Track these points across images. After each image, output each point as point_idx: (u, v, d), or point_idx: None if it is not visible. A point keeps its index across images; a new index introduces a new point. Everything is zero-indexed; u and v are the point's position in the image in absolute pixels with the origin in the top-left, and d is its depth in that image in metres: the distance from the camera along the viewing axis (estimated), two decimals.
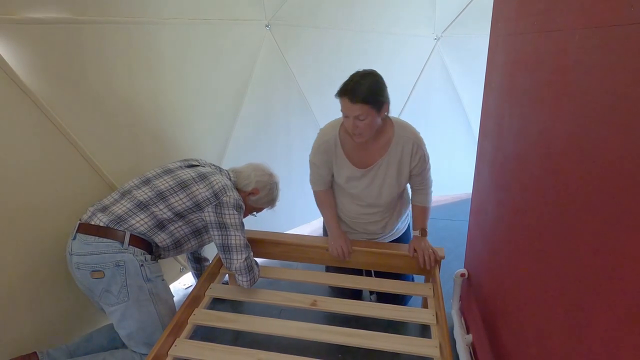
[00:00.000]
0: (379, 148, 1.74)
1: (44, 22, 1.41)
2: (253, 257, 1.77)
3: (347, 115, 1.60)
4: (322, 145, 1.79)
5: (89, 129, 1.65)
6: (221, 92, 2.28)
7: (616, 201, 0.73)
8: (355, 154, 1.77)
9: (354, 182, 1.82)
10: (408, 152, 1.73)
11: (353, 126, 1.60)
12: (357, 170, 1.79)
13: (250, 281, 1.72)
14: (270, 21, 2.39)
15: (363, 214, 1.94)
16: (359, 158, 1.77)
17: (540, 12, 1.12)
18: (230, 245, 1.68)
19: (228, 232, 1.67)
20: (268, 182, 1.92)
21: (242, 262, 1.68)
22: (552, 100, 1.03)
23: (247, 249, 1.71)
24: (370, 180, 1.80)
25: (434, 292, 1.79)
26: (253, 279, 1.73)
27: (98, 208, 1.59)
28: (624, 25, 0.70)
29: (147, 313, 1.57)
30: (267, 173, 1.94)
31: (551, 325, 1.01)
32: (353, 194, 1.88)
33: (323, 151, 1.80)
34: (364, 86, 1.55)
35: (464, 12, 2.81)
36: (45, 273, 1.61)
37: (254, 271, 1.73)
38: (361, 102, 1.54)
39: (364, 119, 1.57)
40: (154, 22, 1.79)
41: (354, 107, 1.54)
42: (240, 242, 1.69)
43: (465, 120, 3.23)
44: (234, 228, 1.68)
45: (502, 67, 1.51)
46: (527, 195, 1.20)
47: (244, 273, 1.70)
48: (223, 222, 1.66)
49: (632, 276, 0.68)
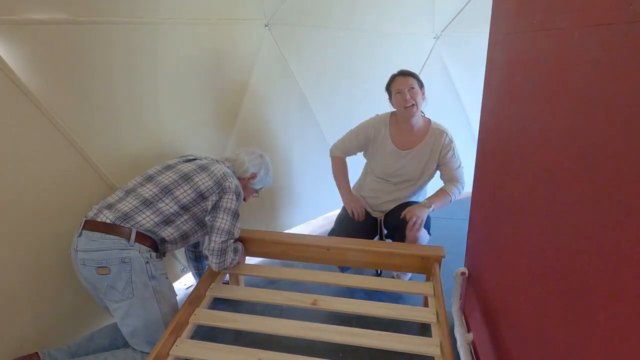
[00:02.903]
0: (418, 137, 2.14)
1: (43, 23, 1.41)
2: (232, 245, 1.79)
3: (400, 91, 2.03)
4: (376, 123, 2.19)
5: (88, 129, 1.65)
6: (221, 91, 2.28)
7: (616, 199, 0.73)
8: (398, 137, 2.15)
9: (389, 160, 2.17)
10: (440, 142, 2.11)
11: (407, 99, 2.01)
12: (397, 151, 2.15)
13: (218, 264, 1.74)
14: (269, 21, 2.39)
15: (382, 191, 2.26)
16: (399, 141, 2.15)
17: (539, 10, 1.12)
18: (214, 227, 1.70)
19: (217, 214, 1.71)
20: (261, 162, 2.03)
21: (217, 244, 1.71)
22: (552, 99, 1.03)
23: (229, 234, 1.73)
24: (404, 162, 2.15)
25: (434, 291, 1.80)
26: (223, 263, 1.75)
27: (103, 205, 1.60)
28: (622, 23, 0.70)
29: (151, 310, 1.58)
30: (258, 154, 2.05)
31: (551, 323, 1.01)
32: (379, 175, 2.24)
33: (372, 126, 2.19)
34: (409, 70, 2.11)
35: (463, 10, 2.81)
36: (46, 273, 1.61)
37: (226, 256, 1.75)
38: (411, 76, 2.07)
39: (414, 89, 2.02)
40: (153, 22, 1.79)
41: (407, 79, 2.05)
42: (225, 225, 1.71)
43: (465, 119, 3.23)
44: (224, 212, 1.71)
45: (501, 65, 1.50)
46: (527, 194, 1.20)
47: (215, 255, 1.72)
48: (219, 205, 1.71)
49: (632, 274, 0.68)
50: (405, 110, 2.04)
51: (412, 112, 2.04)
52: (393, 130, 2.17)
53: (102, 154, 1.73)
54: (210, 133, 2.32)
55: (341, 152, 2.29)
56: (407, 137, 2.15)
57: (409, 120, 2.09)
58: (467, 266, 1.95)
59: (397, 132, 2.17)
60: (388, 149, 2.17)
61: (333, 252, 2.02)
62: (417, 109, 2.05)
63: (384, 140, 2.17)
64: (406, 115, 2.06)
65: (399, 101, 2.04)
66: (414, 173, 2.19)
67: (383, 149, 2.18)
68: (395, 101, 2.08)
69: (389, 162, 2.19)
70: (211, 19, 2.08)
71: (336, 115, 2.86)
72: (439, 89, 3.11)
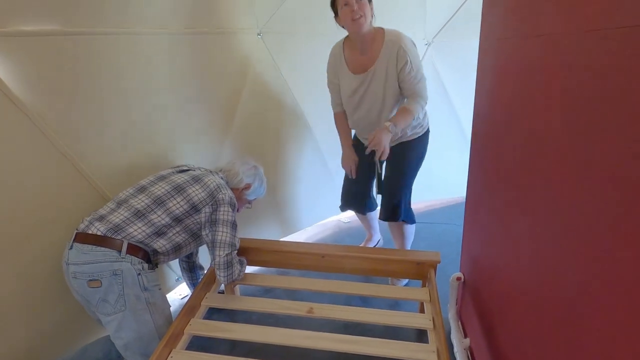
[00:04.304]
0: (371, 56, 1.96)
1: (35, 35, 1.41)
2: (237, 256, 1.78)
3: (347, 2, 1.83)
4: (333, 54, 2.11)
5: (80, 139, 1.64)
6: (214, 100, 2.28)
7: (608, 203, 0.73)
8: (352, 61, 2.03)
9: (348, 88, 2.05)
10: (394, 56, 1.90)
11: (355, 9, 1.82)
12: (353, 76, 2.02)
13: (226, 277, 1.73)
14: (262, 29, 2.40)
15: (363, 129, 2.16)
16: (354, 65, 2.02)
17: (526, 17, 1.14)
18: (216, 241, 1.69)
19: (217, 228, 1.70)
20: (255, 173, 2.02)
21: (222, 258, 1.70)
22: (541, 103, 1.04)
23: (232, 247, 1.73)
24: (366, 88, 2.01)
25: (430, 297, 1.80)
26: (230, 275, 1.74)
27: (95, 217, 1.58)
28: (605, 29, 0.71)
29: (144, 323, 1.56)
30: (252, 165, 2.04)
31: (548, 327, 1.02)
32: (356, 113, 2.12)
33: (331, 60, 2.11)
34: None
35: (454, 17, 2.84)
36: (38, 285, 1.59)
37: (233, 269, 1.74)
38: None
39: (362, 1, 1.83)
40: (145, 33, 1.79)
41: None
42: (226, 238, 1.70)
43: (458, 124, 3.25)
44: (223, 224, 1.70)
45: (492, 70, 1.52)
46: (520, 197, 1.21)
47: (222, 268, 1.71)
48: (216, 218, 1.70)
49: (629, 280, 0.68)
50: (353, 23, 1.85)
51: (360, 24, 1.85)
52: (347, 54, 2.04)
53: (95, 164, 1.72)
54: (204, 143, 2.32)
55: (335, 106, 2.23)
56: (361, 59, 2.00)
57: (360, 36, 1.91)
58: (463, 271, 1.96)
59: (351, 56, 2.04)
60: (346, 76, 2.05)
61: (328, 259, 2.02)
62: (366, 21, 1.87)
63: (342, 67, 2.06)
64: (355, 30, 1.88)
65: (347, 14, 1.84)
66: (376, 98, 2.02)
67: (342, 77, 2.07)
68: (343, 16, 1.87)
69: (349, 90, 2.06)
70: (204, 29, 2.09)
71: (329, 123, 2.85)
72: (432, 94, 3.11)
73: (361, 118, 2.12)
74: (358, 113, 2.11)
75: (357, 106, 2.09)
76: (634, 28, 0.64)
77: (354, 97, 2.07)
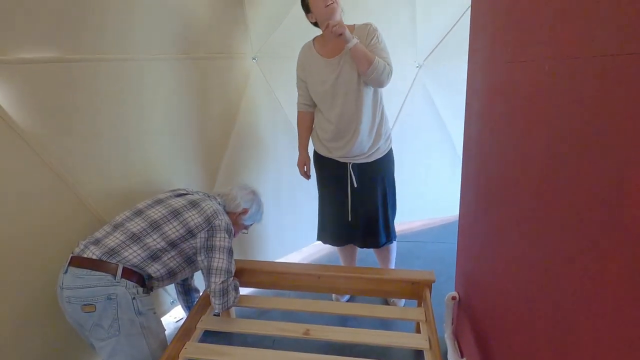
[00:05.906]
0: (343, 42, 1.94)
1: (35, 62, 1.44)
2: (232, 283, 1.76)
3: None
4: (302, 53, 2.12)
5: (77, 164, 1.66)
6: (210, 123, 2.32)
7: (597, 219, 0.76)
8: (324, 48, 2.05)
9: (322, 76, 2.03)
10: (364, 34, 1.97)
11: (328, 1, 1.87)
12: (326, 61, 2.02)
13: (222, 305, 1.71)
14: (256, 54, 2.46)
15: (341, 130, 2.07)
16: (326, 51, 2.04)
17: (512, 42, 1.18)
18: (212, 268, 1.69)
19: (213, 254, 1.69)
20: (253, 198, 2.03)
21: (218, 285, 1.69)
22: (526, 126, 1.07)
23: (228, 273, 1.72)
24: (337, 71, 2.00)
25: (426, 317, 1.80)
26: (226, 303, 1.72)
27: (90, 241, 1.58)
28: (586, 57, 0.75)
29: (138, 347, 1.55)
30: (250, 190, 2.05)
31: (541, 345, 1.03)
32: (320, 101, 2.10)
33: (300, 58, 2.12)
34: None
35: (444, 40, 2.92)
36: (30, 310, 1.58)
37: (229, 296, 1.73)
38: None
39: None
40: (143, 59, 1.84)
41: None
42: (222, 265, 1.70)
43: (451, 145, 3.30)
44: (219, 251, 1.70)
45: (480, 93, 1.56)
46: (510, 216, 1.23)
47: (217, 296, 1.70)
48: (212, 244, 1.69)
49: (621, 298, 0.70)
50: (326, 9, 1.88)
51: (333, 9, 1.88)
52: (318, 46, 2.08)
53: (92, 188, 1.74)
54: (199, 166, 2.34)
55: (300, 105, 2.20)
56: (332, 45, 2.01)
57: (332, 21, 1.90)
58: (458, 290, 1.96)
59: (322, 45, 2.06)
60: (318, 65, 2.05)
61: (324, 279, 2.02)
62: (338, 7, 1.90)
63: (313, 58, 2.07)
64: (328, 16, 1.89)
65: (319, 2, 1.88)
66: (351, 79, 1.98)
67: (315, 67, 2.06)
68: (315, 6, 1.90)
69: (321, 79, 2.04)
70: (199, 55, 2.13)
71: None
72: (424, 115, 3.19)
73: (339, 114, 2.03)
74: (335, 109, 2.04)
75: (332, 97, 2.03)
76: (608, 57, 0.68)
77: (327, 88, 2.02)
